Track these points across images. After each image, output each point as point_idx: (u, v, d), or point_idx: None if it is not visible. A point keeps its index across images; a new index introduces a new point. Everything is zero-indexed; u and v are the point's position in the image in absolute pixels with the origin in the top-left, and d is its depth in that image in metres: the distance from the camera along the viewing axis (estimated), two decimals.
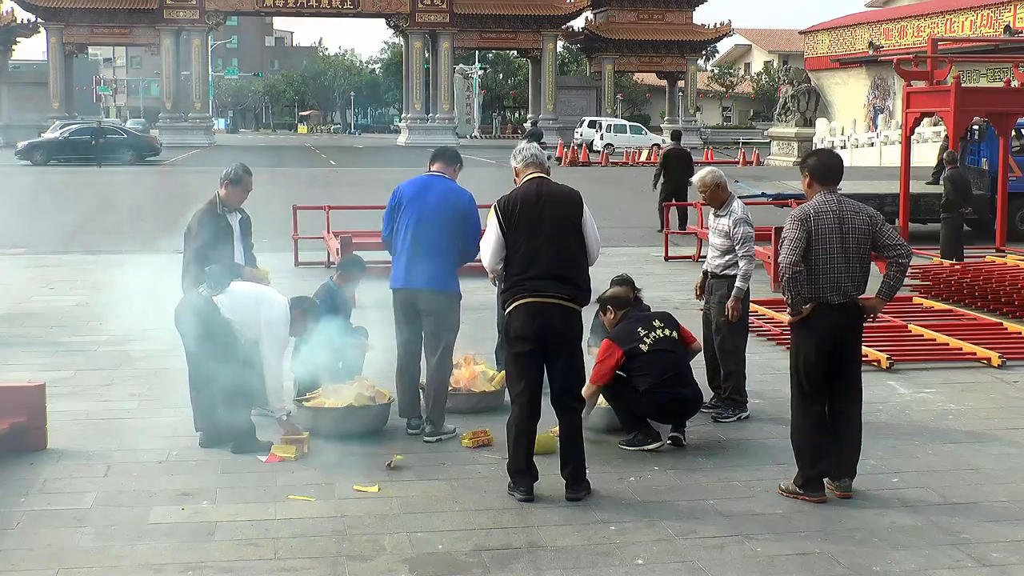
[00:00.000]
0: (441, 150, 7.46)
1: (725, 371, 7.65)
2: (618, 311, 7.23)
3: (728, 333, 7.64)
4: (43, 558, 5.10)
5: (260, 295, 6.95)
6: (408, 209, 7.01)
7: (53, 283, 13.49)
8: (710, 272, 7.81)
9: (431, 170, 7.21)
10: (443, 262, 6.98)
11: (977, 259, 13.84)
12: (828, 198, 5.94)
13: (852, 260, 5.86)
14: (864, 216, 5.93)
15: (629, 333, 7.00)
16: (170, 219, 12.89)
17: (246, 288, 6.99)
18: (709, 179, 7.80)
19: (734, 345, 7.68)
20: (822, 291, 5.85)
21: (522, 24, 64.04)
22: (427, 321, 7.06)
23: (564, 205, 6.03)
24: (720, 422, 7.47)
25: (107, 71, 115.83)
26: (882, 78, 47.41)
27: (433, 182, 7.12)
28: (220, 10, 63.19)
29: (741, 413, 7.58)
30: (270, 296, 6.97)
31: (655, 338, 6.98)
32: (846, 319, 5.93)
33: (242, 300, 6.83)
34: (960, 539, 5.40)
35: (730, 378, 7.62)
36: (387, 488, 6.09)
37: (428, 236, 6.92)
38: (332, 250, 14.21)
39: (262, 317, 6.76)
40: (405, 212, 7.01)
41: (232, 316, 6.73)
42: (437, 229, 6.93)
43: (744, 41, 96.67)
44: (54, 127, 47.55)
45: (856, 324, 6.03)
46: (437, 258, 6.94)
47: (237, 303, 6.78)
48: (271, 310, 6.82)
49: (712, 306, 7.75)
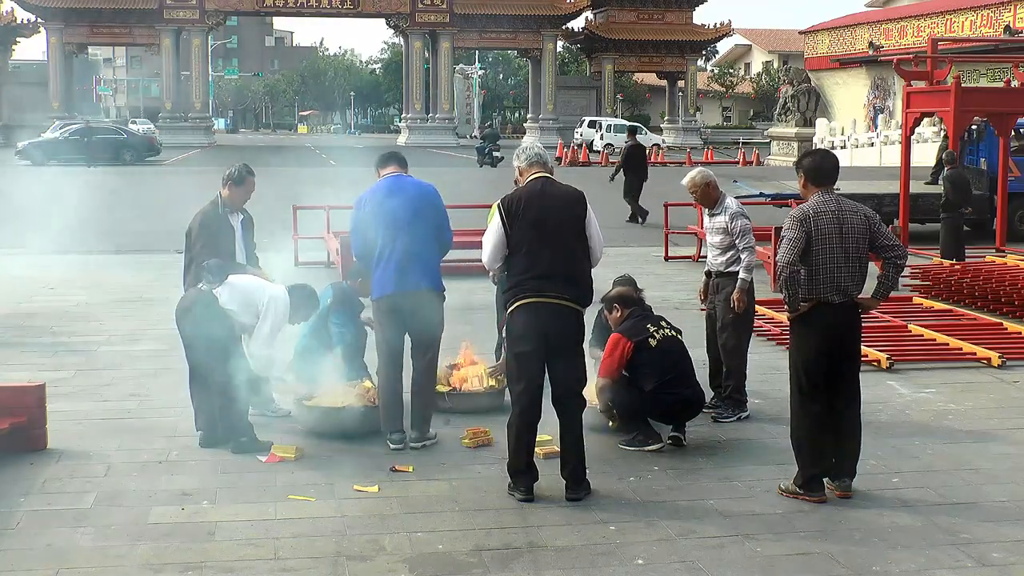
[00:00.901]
0: (390, 154, 7.18)
1: (727, 369, 7.64)
2: (624, 309, 7.24)
3: (734, 330, 7.62)
4: (43, 558, 5.10)
5: (260, 283, 7.01)
6: (381, 215, 6.73)
7: (53, 283, 13.49)
8: (714, 271, 7.79)
9: (382, 174, 6.98)
10: (432, 259, 6.82)
11: (977, 259, 13.85)
12: (826, 198, 5.95)
13: (851, 259, 5.87)
14: (861, 215, 5.95)
15: (638, 328, 7.02)
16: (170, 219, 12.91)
17: (246, 279, 7.02)
18: (699, 179, 7.77)
19: (738, 343, 7.67)
20: (822, 291, 5.86)
21: (522, 24, 64.05)
22: (415, 324, 6.80)
23: (567, 205, 6.02)
24: (720, 422, 7.48)
25: (107, 71, 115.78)
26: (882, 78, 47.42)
27: (397, 183, 6.89)
28: (220, 10, 63.21)
29: (741, 413, 7.58)
30: (269, 284, 7.03)
31: (663, 336, 7.01)
32: (846, 318, 5.94)
33: (242, 289, 6.87)
34: (960, 539, 5.40)
35: (731, 376, 7.62)
36: (387, 488, 6.09)
37: (412, 236, 6.69)
38: (332, 250, 14.21)
39: (263, 299, 6.80)
40: (379, 219, 6.73)
41: (232, 306, 6.75)
42: (419, 227, 6.72)
43: (744, 41, 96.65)
44: (54, 127, 47.54)
45: (855, 323, 6.04)
46: (425, 257, 6.76)
47: (237, 292, 6.82)
48: (272, 293, 6.87)
49: (718, 304, 7.72)
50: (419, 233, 6.73)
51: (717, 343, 7.75)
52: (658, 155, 47.48)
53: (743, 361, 7.71)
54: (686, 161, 43.66)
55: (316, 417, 7.05)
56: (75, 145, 42.09)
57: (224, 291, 6.80)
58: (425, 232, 6.75)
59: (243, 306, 6.79)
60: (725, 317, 7.65)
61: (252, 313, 6.79)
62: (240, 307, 6.78)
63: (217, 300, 6.75)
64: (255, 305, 6.80)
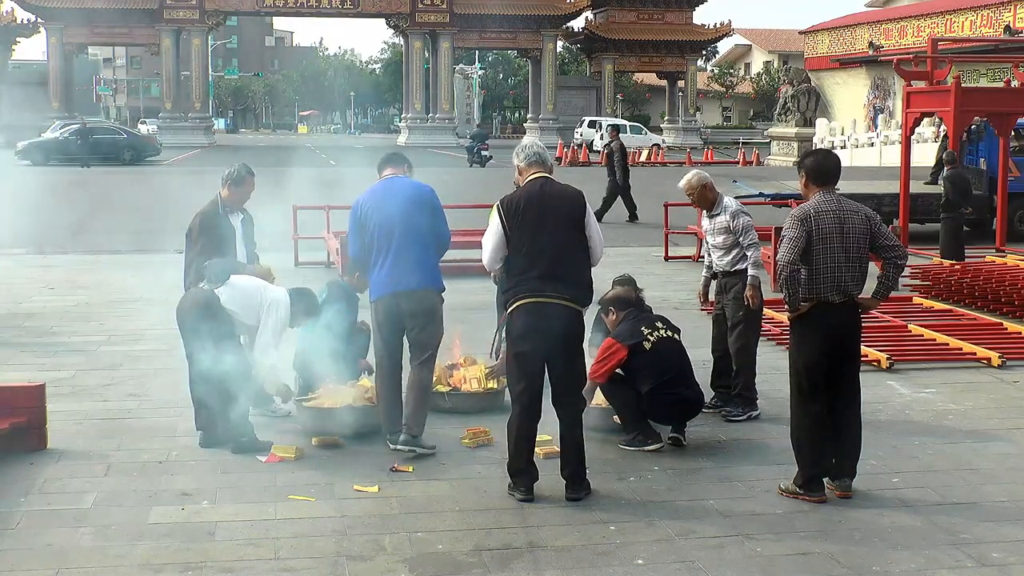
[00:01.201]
0: (390, 155, 7.18)
1: (736, 367, 7.63)
2: (620, 312, 7.22)
3: (745, 329, 7.61)
4: (43, 558, 5.10)
5: (261, 284, 7.00)
6: (378, 217, 6.70)
7: (53, 283, 13.50)
8: (720, 271, 7.76)
9: (381, 176, 6.96)
10: (430, 258, 6.78)
11: (977, 259, 13.85)
12: (828, 198, 5.95)
13: (852, 259, 5.88)
14: (862, 215, 5.96)
15: (633, 331, 6.99)
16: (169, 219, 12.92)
17: (247, 280, 7.02)
18: (695, 181, 7.74)
19: (748, 342, 7.65)
20: (823, 290, 5.86)
21: (522, 24, 64.04)
22: (414, 325, 6.74)
23: (567, 205, 6.02)
24: (731, 420, 7.47)
25: (107, 71, 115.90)
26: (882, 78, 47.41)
27: (393, 184, 6.87)
28: (220, 10, 63.21)
29: (752, 412, 7.56)
30: (271, 286, 7.03)
31: (658, 337, 6.98)
32: (847, 318, 5.95)
33: (243, 290, 6.87)
34: (960, 539, 5.39)
35: (740, 374, 7.61)
36: (387, 488, 6.09)
37: (410, 236, 6.66)
38: (332, 250, 14.21)
39: (264, 301, 6.81)
40: (376, 221, 6.70)
41: (233, 307, 6.75)
42: (415, 227, 6.68)
43: (744, 41, 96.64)
44: (54, 127, 47.54)
45: (856, 323, 6.05)
46: (424, 256, 6.72)
47: (238, 293, 6.83)
48: (273, 296, 6.88)
49: (727, 304, 7.70)
50: (415, 233, 6.68)
51: (725, 343, 7.74)
52: (658, 155, 47.49)
53: (753, 360, 7.70)
54: (686, 161, 43.69)
55: (316, 417, 7.05)
56: (75, 145, 42.10)
57: (225, 291, 6.80)
58: (421, 232, 6.71)
59: (244, 308, 6.80)
60: (736, 316, 7.63)
61: (253, 315, 6.80)
62: (241, 308, 6.79)
63: (219, 300, 6.76)
64: (256, 308, 6.80)
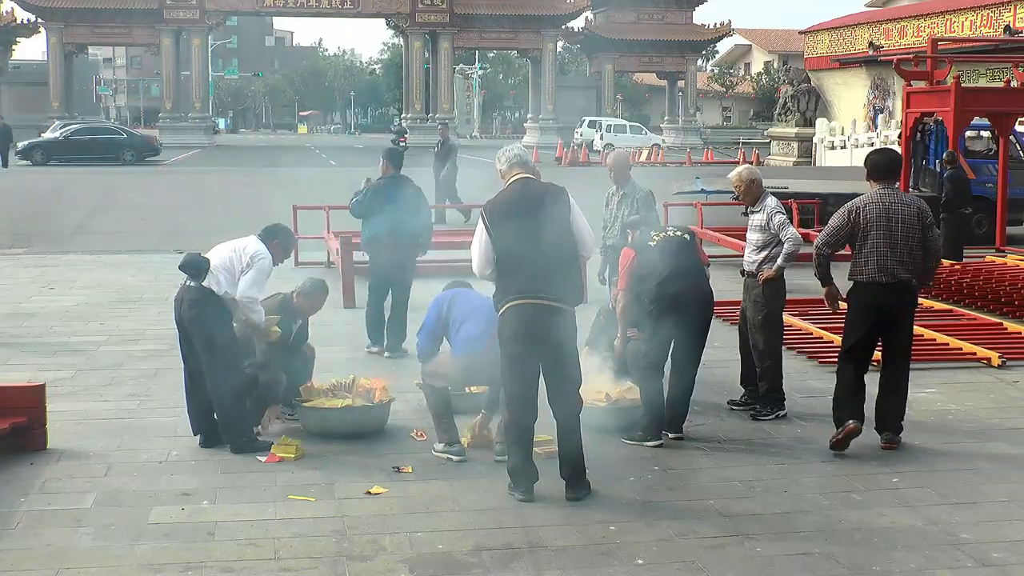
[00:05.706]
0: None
1: (760, 369, 7.65)
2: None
3: (762, 331, 7.62)
4: (43, 558, 5.10)
5: (233, 250, 6.99)
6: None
7: (53, 283, 13.50)
8: (747, 271, 7.81)
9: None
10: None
11: (977, 259, 13.85)
12: (883, 191, 6.78)
13: (898, 246, 6.68)
14: (915, 208, 6.78)
15: (643, 235, 7.54)
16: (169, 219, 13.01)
17: (220, 254, 7.00)
18: (745, 175, 7.84)
19: (768, 342, 7.65)
20: (870, 272, 6.72)
21: (522, 24, 64.04)
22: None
23: (549, 203, 5.99)
24: (759, 420, 7.48)
25: (107, 71, 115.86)
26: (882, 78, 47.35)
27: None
28: (220, 10, 63.22)
29: (779, 411, 7.56)
30: (244, 241, 7.06)
31: (664, 237, 7.21)
32: (893, 295, 6.76)
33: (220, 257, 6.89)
34: (960, 539, 5.39)
35: (765, 377, 7.61)
36: (387, 488, 6.08)
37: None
38: (332, 250, 14.20)
39: (246, 255, 6.88)
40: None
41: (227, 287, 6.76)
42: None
43: (744, 41, 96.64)
44: (54, 127, 47.57)
45: (903, 302, 6.84)
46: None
47: (222, 272, 6.82)
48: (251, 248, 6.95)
49: (748, 305, 7.74)
50: None
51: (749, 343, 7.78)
52: (658, 155, 47.47)
53: (777, 361, 7.69)
54: (686, 161, 43.68)
55: (316, 417, 7.05)
56: (75, 145, 42.14)
57: (212, 280, 6.77)
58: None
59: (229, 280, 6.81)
60: (755, 318, 7.66)
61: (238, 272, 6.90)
62: (228, 283, 6.80)
63: (213, 293, 6.73)
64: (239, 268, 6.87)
